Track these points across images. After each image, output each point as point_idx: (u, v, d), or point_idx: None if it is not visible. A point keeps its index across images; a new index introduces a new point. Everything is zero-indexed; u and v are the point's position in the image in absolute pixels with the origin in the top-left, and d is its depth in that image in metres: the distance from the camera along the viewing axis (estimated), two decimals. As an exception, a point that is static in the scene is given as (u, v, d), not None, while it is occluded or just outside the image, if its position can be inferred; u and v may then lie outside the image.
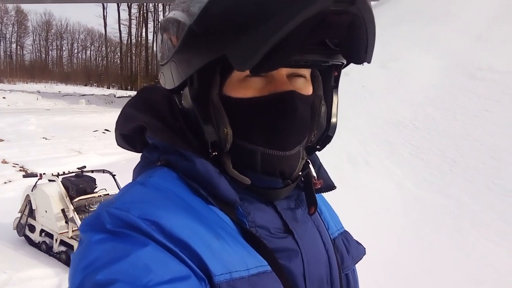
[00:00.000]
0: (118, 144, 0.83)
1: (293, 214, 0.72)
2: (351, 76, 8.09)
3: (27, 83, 50.46)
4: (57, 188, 4.63)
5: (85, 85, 56.33)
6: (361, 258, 0.86)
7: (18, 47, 66.67)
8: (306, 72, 0.69)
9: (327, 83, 0.75)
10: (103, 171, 5.09)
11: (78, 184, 4.66)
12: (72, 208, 4.39)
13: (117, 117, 0.80)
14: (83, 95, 32.74)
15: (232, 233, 0.63)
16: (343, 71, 0.75)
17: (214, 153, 0.66)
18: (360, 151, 6.17)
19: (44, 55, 69.42)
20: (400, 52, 8.55)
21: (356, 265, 0.84)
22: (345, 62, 0.69)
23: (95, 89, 47.63)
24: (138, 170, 0.76)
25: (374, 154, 6.09)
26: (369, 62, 0.64)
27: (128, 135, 0.79)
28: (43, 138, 12.14)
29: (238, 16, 0.54)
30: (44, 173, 4.84)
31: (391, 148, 6.12)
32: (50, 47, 70.32)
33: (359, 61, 0.65)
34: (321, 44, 0.62)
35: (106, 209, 0.58)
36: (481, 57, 7.64)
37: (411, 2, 11.23)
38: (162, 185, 0.64)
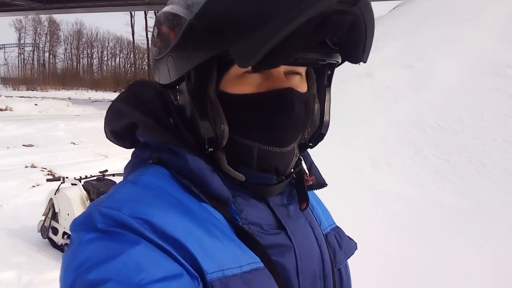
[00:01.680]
0: (107, 138, 0.82)
1: (285, 210, 0.73)
2: (375, 77, 7.93)
3: (59, 90, 51.99)
4: (79, 191, 4.71)
5: (114, 91, 57.59)
6: (352, 253, 0.87)
7: (51, 56, 68.98)
8: (302, 70, 0.69)
9: (320, 82, 0.76)
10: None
11: (99, 187, 4.73)
12: (93, 211, 4.45)
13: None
14: (111, 101, 33.44)
15: (225, 230, 0.63)
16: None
17: (210, 149, 0.66)
18: (382, 153, 6.02)
19: (75, 63, 71.52)
20: (424, 51, 8.33)
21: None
22: (340, 61, 0.70)
23: (123, 95, 48.52)
24: (130, 169, 0.75)
25: (397, 156, 5.93)
26: (365, 62, 0.65)
27: (118, 131, 0.78)
28: (71, 143, 12.41)
29: (242, 13, 0.54)
30: (67, 177, 4.94)
31: (415, 149, 5.95)
32: (81, 55, 72.36)
33: (356, 61, 0.65)
34: (321, 43, 0.63)
35: (97, 208, 0.58)
36: (510, 54, 7.35)
37: (435, 1, 10.94)
38: (154, 183, 0.64)
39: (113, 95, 46.47)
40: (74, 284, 0.51)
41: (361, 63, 0.66)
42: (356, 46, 0.63)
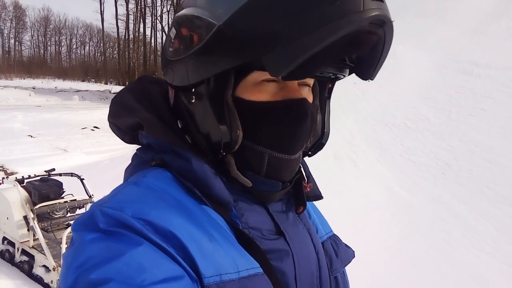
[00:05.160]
0: (110, 127, 0.81)
1: (284, 216, 0.74)
2: (343, 73, 7.76)
3: (24, 79, 50.08)
4: (19, 193, 4.31)
5: (83, 81, 56.05)
6: (350, 261, 0.87)
7: (16, 43, 66.36)
8: (311, 82, 0.72)
9: (322, 94, 0.78)
10: (71, 174, 4.78)
11: (40, 189, 4.35)
12: (32, 215, 4.07)
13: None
14: (78, 91, 32.37)
15: (225, 234, 0.63)
16: None
17: (223, 153, 0.67)
18: (348, 152, 5.85)
19: (42, 51, 69.12)
20: (393, 47, 8.19)
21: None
22: (346, 75, 0.71)
23: (92, 85, 47.36)
24: (131, 170, 0.75)
25: (363, 155, 5.77)
26: (372, 79, 0.68)
27: (121, 128, 0.78)
28: (29, 136, 11.83)
29: (278, 25, 0.55)
30: (6, 177, 4.54)
31: (381, 149, 5.80)
32: (49, 43, 70.04)
33: (366, 77, 0.68)
34: (340, 59, 0.66)
35: (100, 208, 0.58)
36: (477, 52, 7.32)
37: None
38: (156, 185, 0.64)
39: (80, 85, 45.17)
40: (76, 283, 0.51)
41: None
42: (371, 65, 0.66)
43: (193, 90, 0.69)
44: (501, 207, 4.29)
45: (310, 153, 0.80)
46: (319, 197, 0.83)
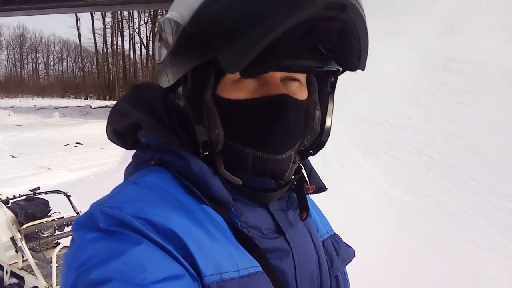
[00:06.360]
0: (108, 138, 0.81)
1: (284, 215, 0.73)
2: (324, 75, 7.84)
3: (2, 99, 49.18)
4: (4, 214, 4.22)
5: (62, 97, 55.32)
6: (350, 260, 0.86)
7: (-8, 62, 65.18)
8: (301, 76, 0.69)
9: (323, 89, 0.75)
10: (58, 192, 4.70)
11: (27, 209, 4.26)
12: (20, 236, 3.98)
13: (107, 119, 0.79)
14: (58, 107, 31.93)
15: (225, 233, 0.63)
16: None
17: (205, 153, 0.67)
18: (334, 152, 5.89)
19: (19, 69, 68.01)
20: (372, 46, 8.30)
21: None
22: (340, 68, 0.69)
23: (72, 101, 46.76)
24: (130, 170, 0.75)
25: (349, 155, 5.83)
26: (362, 70, 0.65)
27: (121, 131, 0.77)
28: (10, 156, 11.58)
29: (230, 19, 0.54)
30: (-9, 199, 4.44)
31: (366, 147, 5.86)
32: (26, 61, 68.92)
33: (352, 68, 0.65)
34: (314, 50, 0.63)
35: (99, 208, 0.58)
36: (454, 48, 7.47)
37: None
38: (156, 184, 0.64)
39: (60, 101, 44.56)
40: (76, 283, 0.51)
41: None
42: (349, 54, 0.62)
43: (176, 91, 0.71)
44: (488, 198, 4.38)
45: (311, 152, 0.77)
46: (323, 189, 0.82)
